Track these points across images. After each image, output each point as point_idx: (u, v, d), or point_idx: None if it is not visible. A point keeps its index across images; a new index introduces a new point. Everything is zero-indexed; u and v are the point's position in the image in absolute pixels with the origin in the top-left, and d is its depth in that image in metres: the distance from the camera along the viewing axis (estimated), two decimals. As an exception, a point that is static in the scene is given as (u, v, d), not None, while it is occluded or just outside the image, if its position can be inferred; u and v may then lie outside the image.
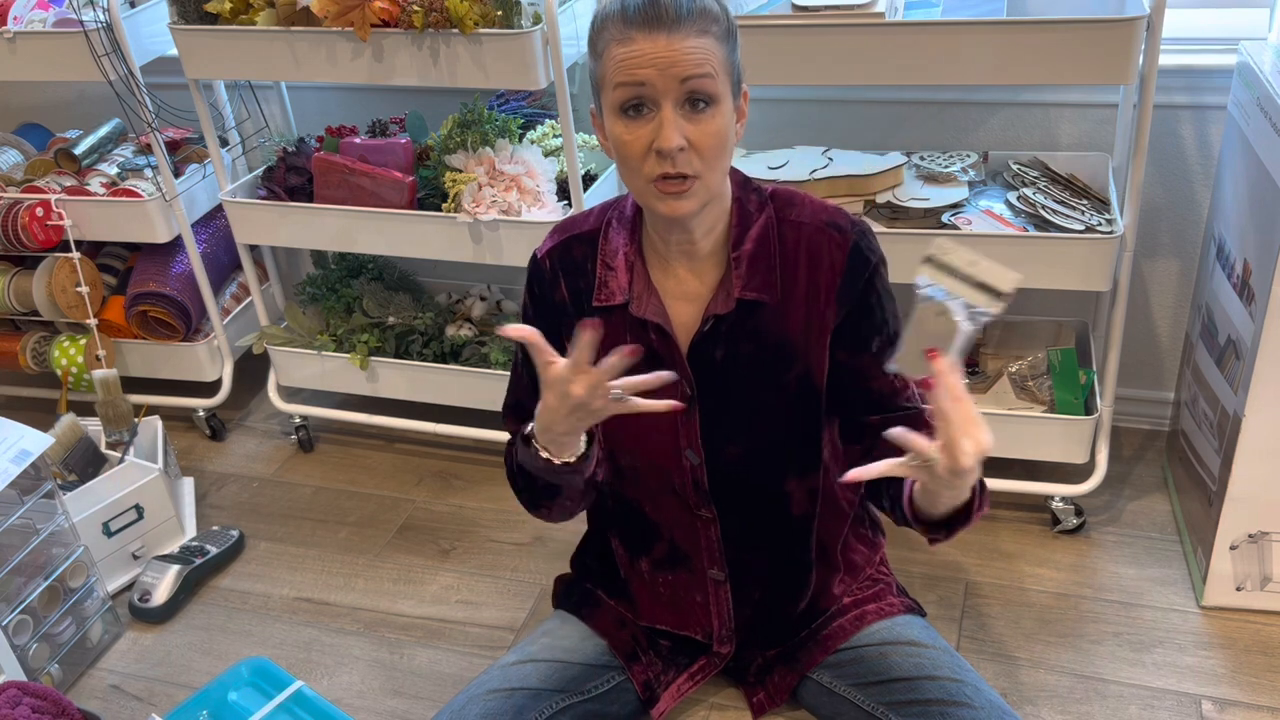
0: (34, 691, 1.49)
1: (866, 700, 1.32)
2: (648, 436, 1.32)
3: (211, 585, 1.97)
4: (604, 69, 1.13)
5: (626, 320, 1.28)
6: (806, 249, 1.24)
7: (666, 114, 1.10)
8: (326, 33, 1.80)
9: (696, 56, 1.09)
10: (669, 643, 1.47)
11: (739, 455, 1.31)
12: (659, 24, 1.08)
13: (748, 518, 1.36)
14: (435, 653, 1.78)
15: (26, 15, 2.09)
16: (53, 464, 1.99)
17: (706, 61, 1.10)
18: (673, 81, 1.09)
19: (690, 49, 1.09)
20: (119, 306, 2.31)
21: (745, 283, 1.24)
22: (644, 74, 1.09)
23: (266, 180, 2.10)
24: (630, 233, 1.28)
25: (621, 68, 1.10)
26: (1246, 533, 1.65)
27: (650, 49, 1.09)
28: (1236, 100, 1.69)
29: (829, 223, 1.25)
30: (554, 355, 1.11)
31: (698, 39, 1.09)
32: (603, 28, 1.13)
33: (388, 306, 2.20)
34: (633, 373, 1.29)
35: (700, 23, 1.10)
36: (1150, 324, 2.08)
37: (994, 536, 1.92)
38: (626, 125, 1.13)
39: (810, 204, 1.27)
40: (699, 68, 1.09)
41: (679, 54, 1.09)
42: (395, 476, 2.24)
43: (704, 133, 1.12)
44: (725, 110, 1.13)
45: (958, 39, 1.56)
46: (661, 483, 1.34)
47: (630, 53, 1.10)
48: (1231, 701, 1.56)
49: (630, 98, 1.11)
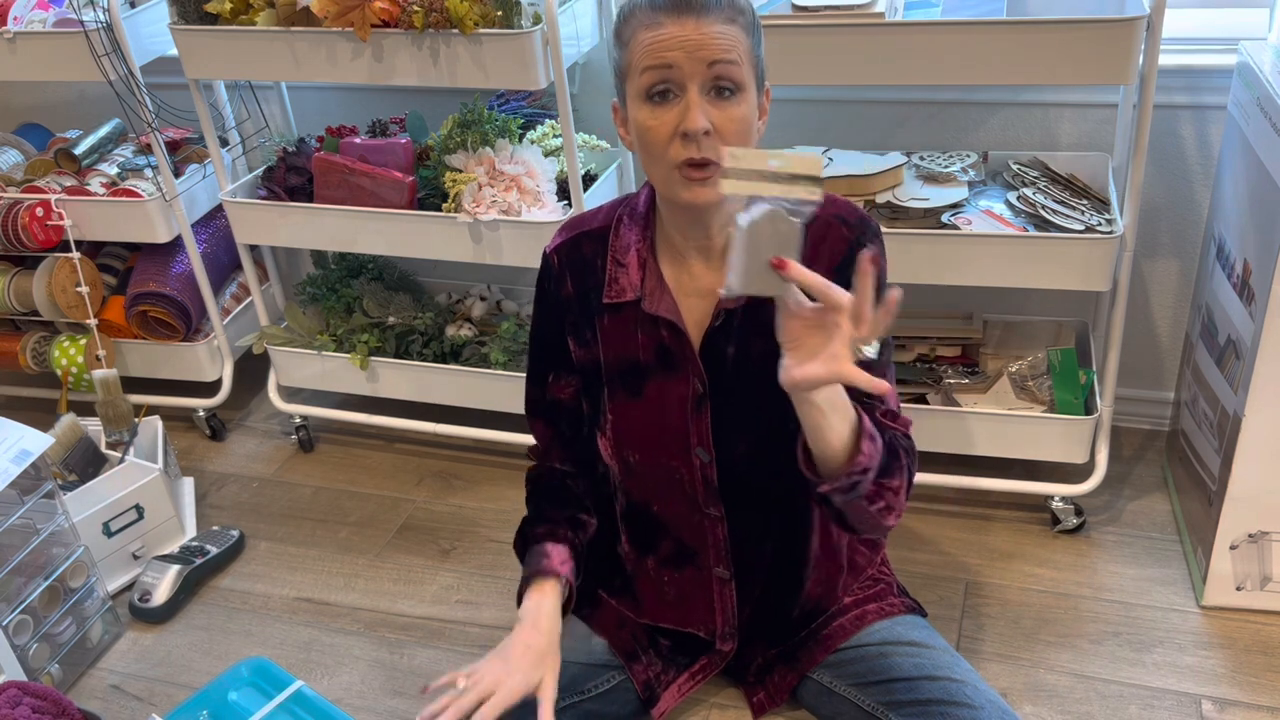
0: (34, 691, 1.49)
1: (867, 700, 1.33)
2: (658, 434, 1.32)
3: (211, 585, 1.97)
4: (630, 55, 1.14)
5: (637, 316, 1.28)
6: (812, 241, 1.25)
7: (692, 97, 1.12)
8: (326, 33, 1.80)
9: (724, 42, 1.11)
10: (669, 642, 1.47)
11: (748, 453, 1.32)
12: (688, 9, 1.11)
13: (754, 516, 1.36)
14: (435, 653, 1.78)
15: (26, 15, 2.09)
16: (53, 464, 1.99)
17: (734, 48, 1.11)
18: (700, 65, 1.11)
19: (718, 34, 1.11)
20: (119, 306, 2.31)
21: None
22: (672, 56, 1.11)
23: (266, 180, 2.10)
24: (643, 229, 1.28)
25: (649, 51, 1.12)
26: (1246, 533, 1.66)
27: (679, 32, 1.11)
28: (1236, 100, 1.69)
29: (836, 215, 1.25)
30: None
31: (725, 25, 1.11)
32: (630, 16, 1.15)
33: (388, 306, 2.20)
34: (644, 367, 1.30)
35: (728, 11, 1.12)
36: (1150, 324, 2.08)
37: (994, 536, 1.92)
38: (652, 110, 1.14)
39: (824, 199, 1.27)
40: (726, 53, 1.11)
41: (707, 38, 1.10)
42: (395, 476, 2.24)
43: (729, 118, 1.13)
44: (750, 99, 1.15)
45: (958, 39, 1.56)
46: (670, 481, 1.34)
47: (658, 36, 1.11)
48: (1231, 701, 1.56)
49: (657, 81, 1.12)
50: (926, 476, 1.93)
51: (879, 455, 1.14)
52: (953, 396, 1.92)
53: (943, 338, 2.00)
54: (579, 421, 1.41)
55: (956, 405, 1.90)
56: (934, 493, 2.02)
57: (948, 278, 1.74)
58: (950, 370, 1.97)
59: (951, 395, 1.93)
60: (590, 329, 1.32)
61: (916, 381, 1.95)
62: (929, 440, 1.90)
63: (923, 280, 1.75)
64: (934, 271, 1.74)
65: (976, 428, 1.87)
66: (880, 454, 1.15)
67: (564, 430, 1.42)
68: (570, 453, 1.42)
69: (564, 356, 1.36)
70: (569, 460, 1.42)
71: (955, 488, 1.98)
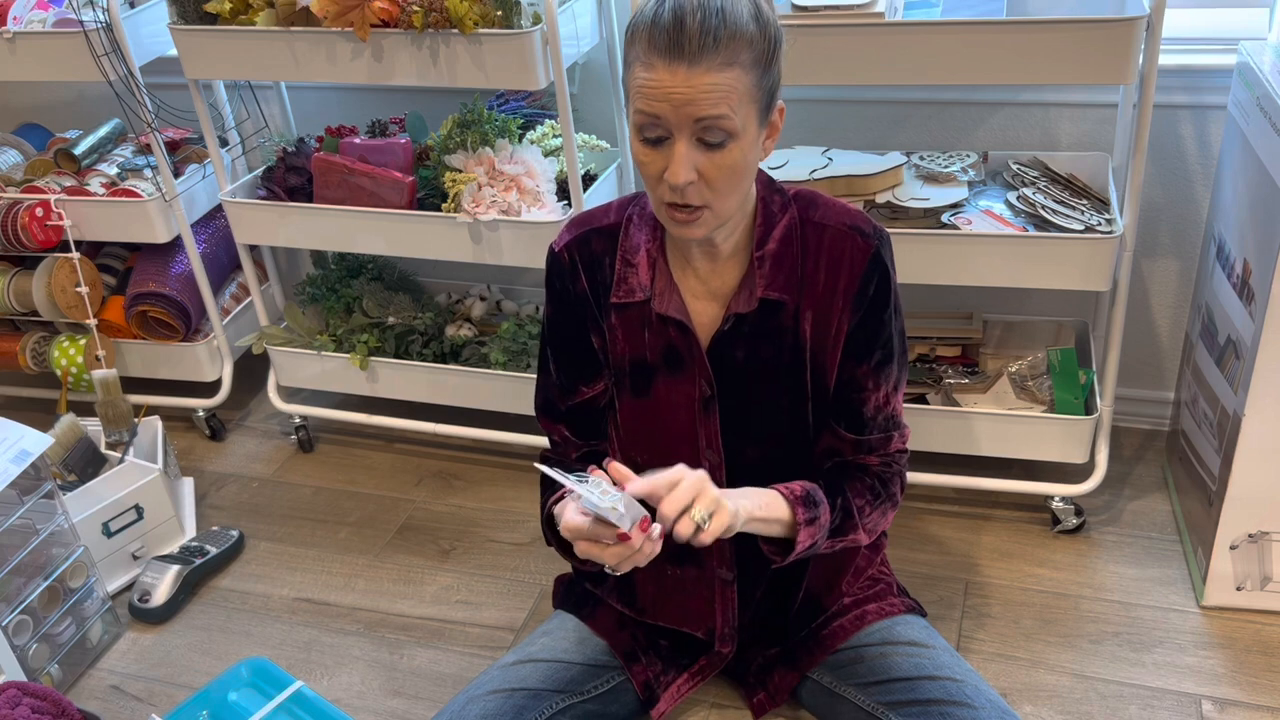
0: (34, 692, 1.49)
1: (867, 700, 1.33)
2: (665, 434, 1.32)
3: (211, 585, 1.97)
4: (629, 84, 1.12)
5: (646, 316, 1.28)
6: (828, 251, 1.24)
7: (679, 150, 1.09)
8: (326, 33, 1.80)
9: (714, 95, 1.06)
10: (668, 643, 1.47)
11: (758, 457, 1.32)
12: (680, 56, 1.05)
13: None
14: (435, 653, 1.78)
15: (26, 15, 2.09)
16: (53, 464, 1.98)
17: (725, 99, 1.07)
18: (687, 119, 1.08)
19: (709, 87, 1.06)
20: (119, 306, 2.31)
21: (769, 282, 1.24)
22: (659, 108, 1.08)
23: (266, 180, 2.10)
24: (653, 229, 1.28)
25: (640, 94, 1.09)
26: (1246, 533, 1.66)
27: (669, 81, 1.06)
28: (1236, 100, 1.69)
29: (852, 226, 1.24)
30: None
31: (720, 74, 1.06)
32: (633, 40, 1.11)
33: (388, 306, 2.20)
34: (652, 367, 1.30)
35: (726, 54, 1.06)
36: (1150, 324, 2.08)
37: (994, 536, 1.92)
38: (643, 148, 1.13)
39: (833, 206, 1.27)
40: (714, 108, 1.07)
41: (696, 91, 1.06)
42: (395, 476, 2.24)
43: (716, 166, 1.11)
44: (744, 142, 1.11)
45: (958, 39, 1.56)
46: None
47: (650, 81, 1.08)
48: (1231, 701, 1.56)
49: (646, 124, 1.11)
50: (927, 476, 1.93)
51: (821, 532, 1.26)
52: (953, 396, 1.92)
53: (943, 338, 2.00)
54: (601, 422, 1.40)
55: (956, 405, 1.90)
56: (934, 493, 2.02)
57: (948, 278, 1.74)
58: (950, 370, 1.97)
59: (951, 395, 1.93)
60: (600, 325, 1.32)
61: (916, 381, 1.95)
62: (929, 440, 1.90)
63: (923, 280, 1.75)
64: (934, 271, 1.74)
65: (976, 428, 1.87)
66: (823, 530, 1.27)
67: (586, 433, 1.40)
68: (589, 449, 1.41)
69: (590, 355, 1.35)
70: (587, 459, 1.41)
71: (955, 488, 1.98)
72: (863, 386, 1.29)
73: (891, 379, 1.30)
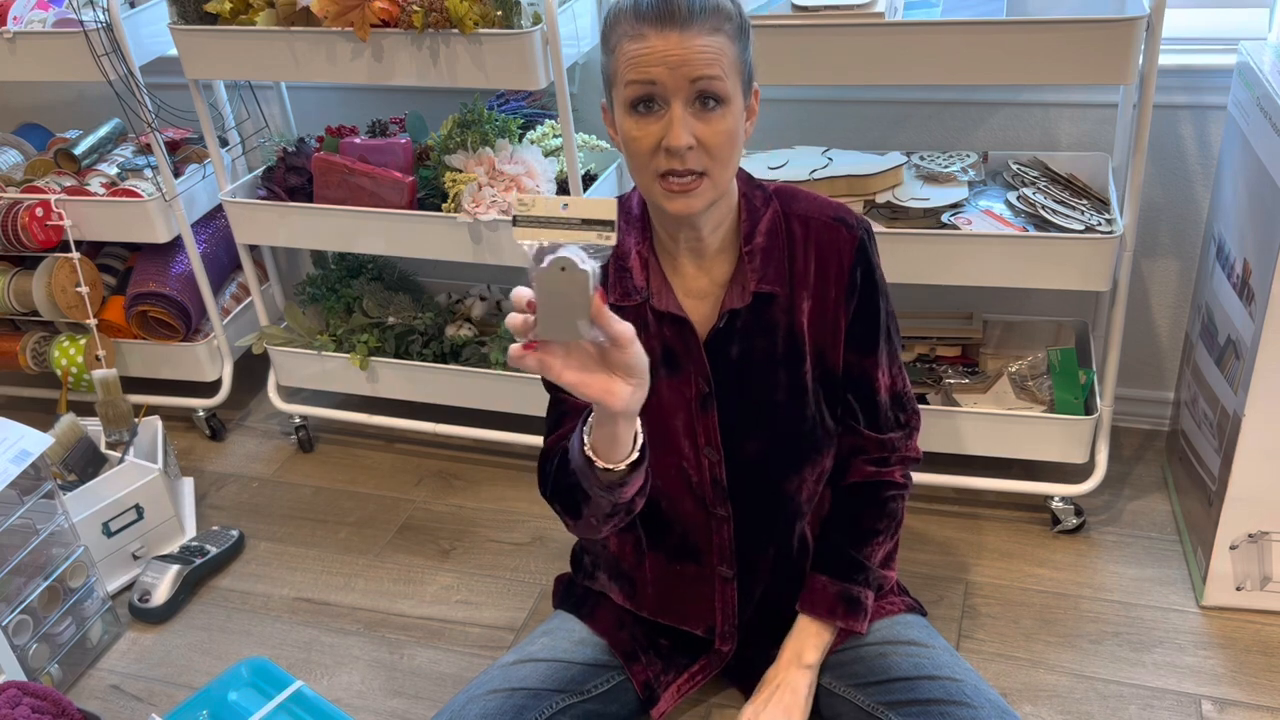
0: (34, 691, 1.49)
1: (866, 700, 1.33)
2: (667, 434, 1.32)
3: (211, 585, 1.97)
4: (616, 65, 1.14)
5: (642, 318, 1.28)
6: (815, 243, 1.26)
7: (676, 113, 1.11)
8: (326, 33, 1.80)
9: (708, 55, 1.10)
10: (669, 642, 1.47)
11: (758, 451, 1.32)
12: (671, 21, 1.09)
13: (760, 516, 1.36)
14: (435, 653, 1.78)
15: (26, 15, 2.09)
16: (53, 464, 1.98)
17: (717, 61, 1.10)
18: (683, 80, 1.10)
19: (701, 48, 1.09)
20: (119, 306, 2.31)
21: (760, 276, 1.25)
22: (655, 72, 1.10)
23: (266, 180, 2.10)
24: (641, 231, 1.28)
25: (633, 65, 1.11)
26: (1246, 533, 1.66)
27: (662, 46, 1.09)
28: (1236, 100, 1.69)
29: (836, 218, 1.26)
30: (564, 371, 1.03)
31: (710, 37, 1.10)
32: (615, 23, 1.13)
33: (388, 306, 2.20)
34: (654, 371, 1.30)
35: (713, 20, 1.10)
36: (1150, 324, 2.08)
37: (994, 536, 1.92)
38: (637, 121, 1.13)
39: (814, 199, 1.28)
40: (709, 67, 1.10)
41: (690, 52, 1.09)
42: (395, 476, 2.24)
43: (714, 131, 1.12)
44: (735, 109, 1.14)
45: (958, 39, 1.56)
46: (679, 480, 1.34)
47: (642, 49, 1.10)
48: (1231, 701, 1.56)
49: (641, 95, 1.12)
50: (927, 476, 1.93)
51: (870, 601, 1.39)
52: (953, 396, 1.92)
53: (943, 338, 2.00)
54: None
55: (956, 405, 1.90)
56: (934, 493, 2.02)
57: (948, 278, 1.74)
58: (950, 370, 1.97)
59: (951, 395, 1.93)
60: None
61: (917, 381, 1.95)
62: (929, 440, 1.89)
63: (923, 280, 1.75)
64: (934, 271, 1.74)
65: (976, 428, 1.87)
66: (870, 600, 1.40)
67: None
68: None
69: None
70: None
71: (955, 488, 1.98)
72: (873, 377, 1.31)
73: (896, 360, 1.35)
